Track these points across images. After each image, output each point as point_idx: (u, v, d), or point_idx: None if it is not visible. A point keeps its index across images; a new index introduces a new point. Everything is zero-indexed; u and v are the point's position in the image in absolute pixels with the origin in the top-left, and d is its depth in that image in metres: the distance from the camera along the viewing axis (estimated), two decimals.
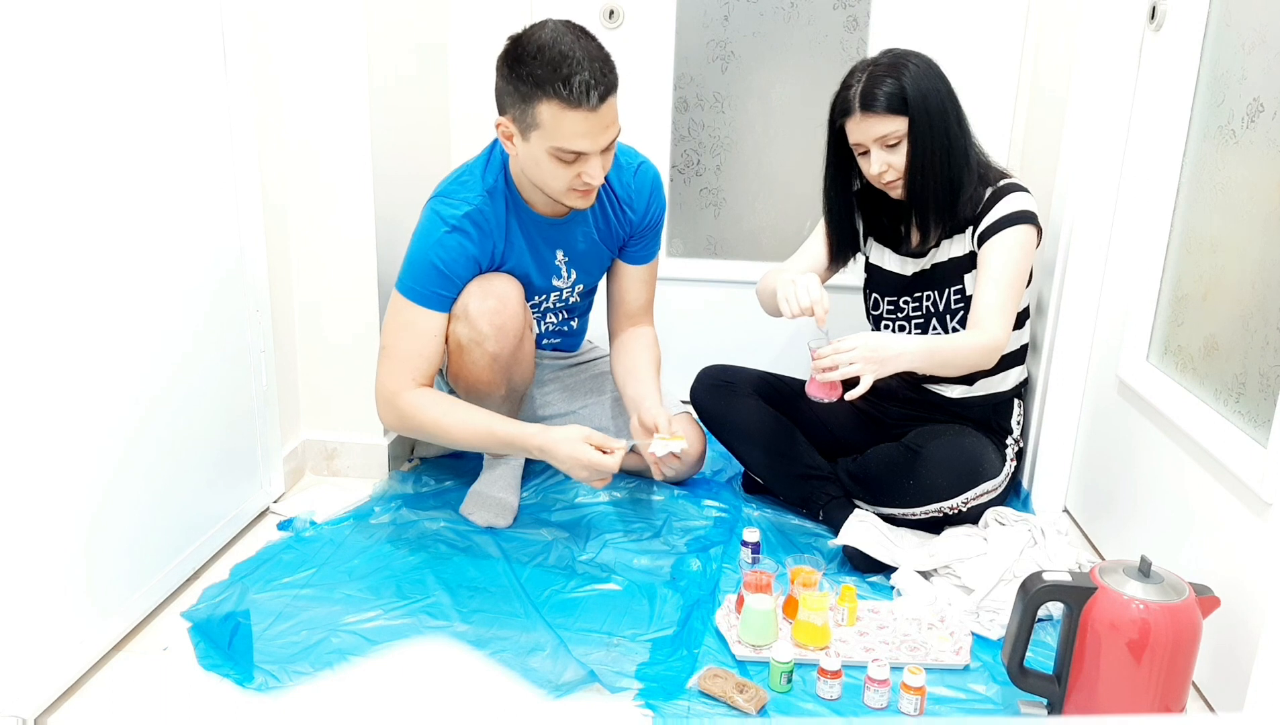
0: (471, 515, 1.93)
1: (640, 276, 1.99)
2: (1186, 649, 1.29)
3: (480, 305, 1.78)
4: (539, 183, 1.72)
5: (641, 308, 2.02)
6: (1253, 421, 1.43)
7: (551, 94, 1.57)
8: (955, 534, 1.79)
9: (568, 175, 1.66)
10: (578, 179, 1.66)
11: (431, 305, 1.78)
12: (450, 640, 1.55)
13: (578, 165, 1.65)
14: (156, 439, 1.58)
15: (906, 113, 1.76)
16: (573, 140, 1.61)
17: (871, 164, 1.80)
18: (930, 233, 1.85)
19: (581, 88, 1.56)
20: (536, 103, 1.59)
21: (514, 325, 1.81)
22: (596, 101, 1.58)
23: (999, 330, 1.76)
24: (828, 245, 2.00)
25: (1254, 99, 1.48)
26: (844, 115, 1.81)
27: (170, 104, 1.58)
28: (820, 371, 1.68)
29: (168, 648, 1.54)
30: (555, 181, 1.68)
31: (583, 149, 1.62)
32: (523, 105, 1.61)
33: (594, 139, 1.62)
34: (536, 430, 1.72)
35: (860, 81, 1.78)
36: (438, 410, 1.77)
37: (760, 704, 1.42)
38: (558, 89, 1.57)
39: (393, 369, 1.78)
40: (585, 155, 1.64)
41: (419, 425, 1.79)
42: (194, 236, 1.66)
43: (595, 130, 1.61)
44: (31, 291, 1.30)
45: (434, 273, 1.76)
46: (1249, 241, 1.48)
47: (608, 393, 2.11)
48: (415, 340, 1.78)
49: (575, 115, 1.58)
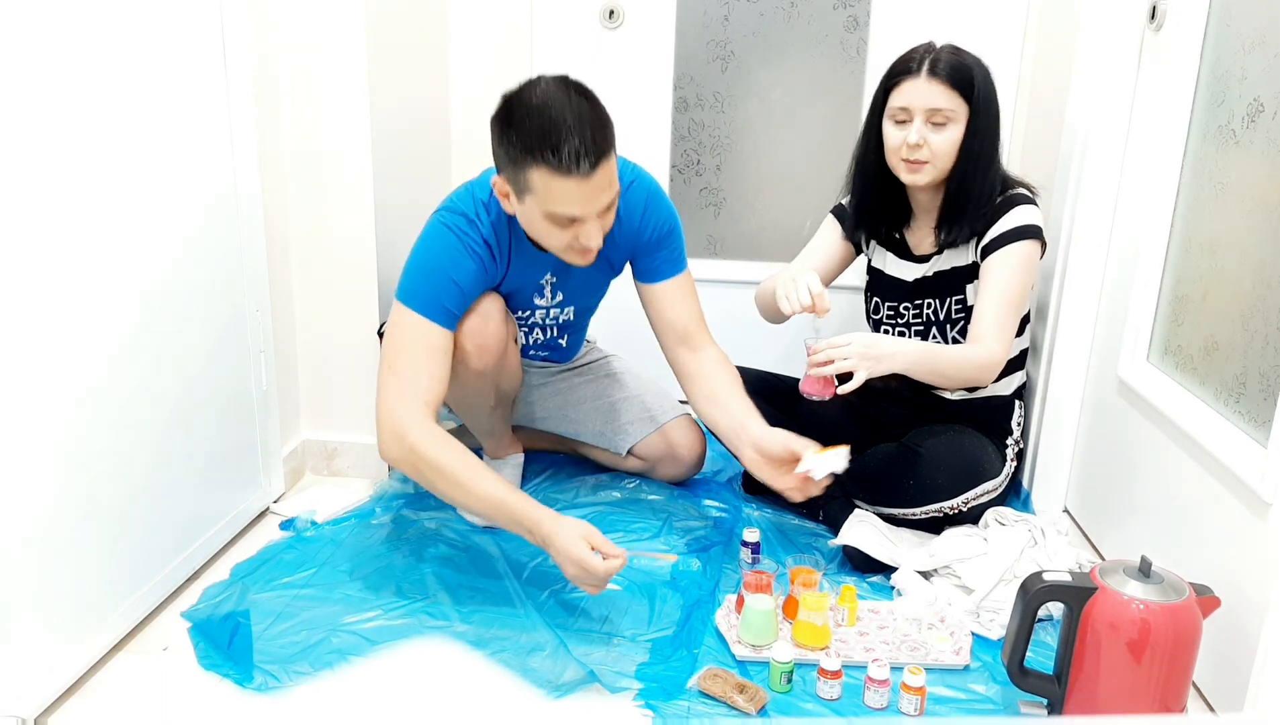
0: (470, 516, 1.93)
1: (673, 294, 1.85)
2: (1187, 649, 1.29)
3: (467, 322, 1.73)
4: (537, 240, 1.67)
5: (691, 327, 1.84)
6: (1253, 421, 1.43)
7: (541, 161, 1.50)
8: (955, 534, 1.79)
9: (565, 237, 1.60)
10: (575, 240, 1.60)
11: (443, 321, 1.68)
12: (450, 640, 1.55)
13: (574, 227, 1.58)
14: (156, 439, 1.58)
15: (969, 99, 1.75)
16: (566, 206, 1.55)
17: (910, 133, 1.77)
18: (952, 232, 1.83)
19: (572, 156, 1.49)
20: (527, 168, 1.53)
21: (495, 343, 1.77)
22: (588, 169, 1.51)
23: (998, 347, 1.76)
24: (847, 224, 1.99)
25: (1254, 99, 1.48)
26: (904, 74, 1.78)
27: (170, 104, 1.58)
28: (815, 366, 1.68)
29: (168, 648, 1.54)
30: (553, 241, 1.62)
31: (576, 214, 1.56)
32: (514, 169, 1.56)
33: (587, 204, 1.55)
34: (545, 516, 1.56)
35: (930, 52, 1.77)
36: (448, 457, 1.59)
37: (760, 704, 1.42)
38: (547, 156, 1.50)
39: (401, 390, 1.62)
40: (581, 220, 1.58)
41: (424, 465, 1.60)
42: (194, 237, 1.66)
43: (589, 196, 1.54)
44: (33, 289, 1.30)
45: (451, 288, 1.68)
46: (1249, 241, 1.48)
47: (604, 398, 2.10)
48: (426, 357, 1.66)
49: (567, 182, 1.52)
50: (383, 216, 2.03)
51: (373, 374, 2.07)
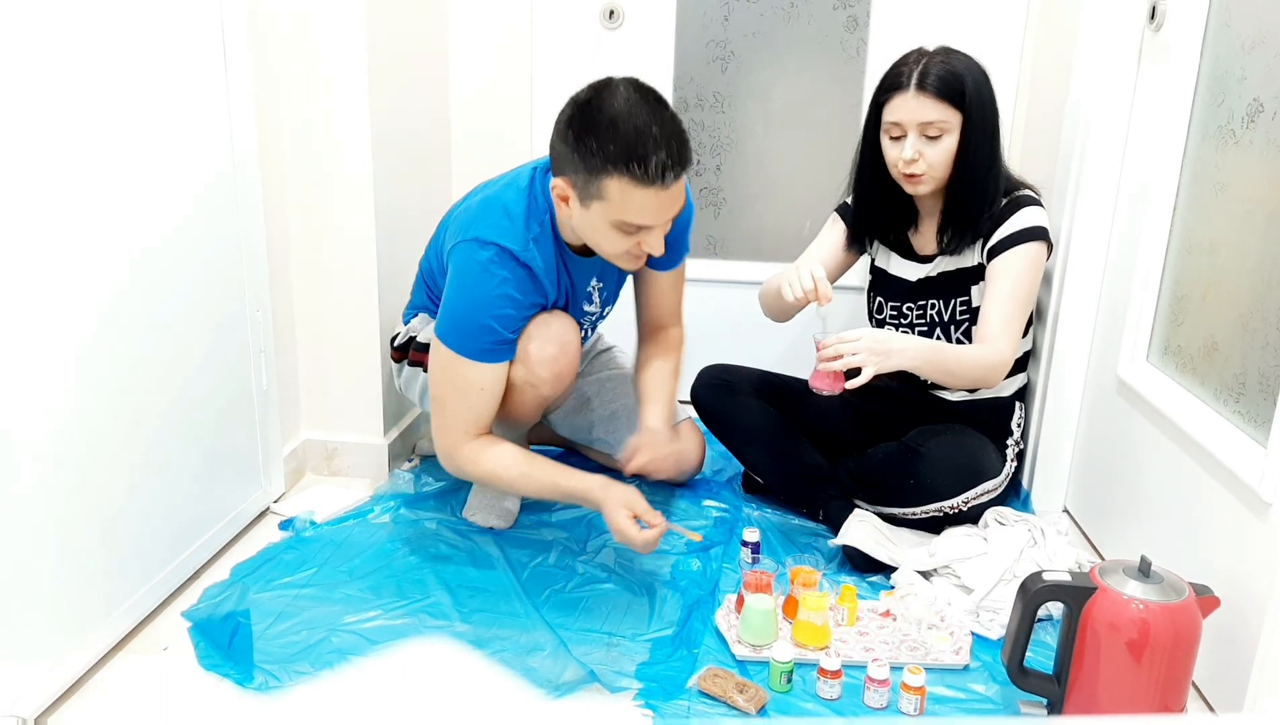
0: (474, 516, 1.93)
1: (669, 282, 1.92)
2: (1186, 649, 1.29)
3: (540, 351, 1.71)
4: (593, 245, 1.66)
5: (671, 314, 1.96)
6: (1252, 421, 1.43)
7: (625, 172, 1.49)
8: (955, 534, 1.79)
9: (626, 243, 1.59)
10: (636, 246, 1.60)
11: (488, 359, 1.68)
12: (450, 640, 1.55)
13: (639, 235, 1.58)
14: (157, 438, 1.58)
15: (961, 108, 1.74)
16: (640, 216, 1.54)
17: (905, 149, 1.76)
18: (954, 237, 1.83)
19: (658, 169, 1.48)
20: (605, 177, 1.51)
21: (569, 373, 1.78)
22: (672, 181, 1.51)
23: (1006, 347, 1.75)
24: (848, 230, 1.99)
25: (1254, 99, 1.48)
26: (893, 90, 1.76)
27: (169, 103, 1.57)
28: (824, 361, 1.68)
29: (168, 647, 1.54)
30: (611, 247, 1.61)
31: (648, 223, 1.56)
32: (588, 176, 1.53)
33: (660, 215, 1.56)
34: (594, 485, 1.66)
35: (919, 63, 1.75)
36: (498, 463, 1.71)
37: (760, 704, 1.42)
38: (633, 168, 1.48)
39: (449, 426, 1.72)
40: (649, 228, 1.57)
41: (478, 476, 1.75)
42: (195, 237, 1.66)
43: (664, 206, 1.54)
44: (33, 292, 1.30)
45: (491, 331, 1.67)
46: (1249, 241, 1.48)
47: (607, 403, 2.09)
48: (474, 398, 1.70)
49: (647, 193, 1.51)
50: (384, 216, 2.03)
51: (373, 374, 2.09)
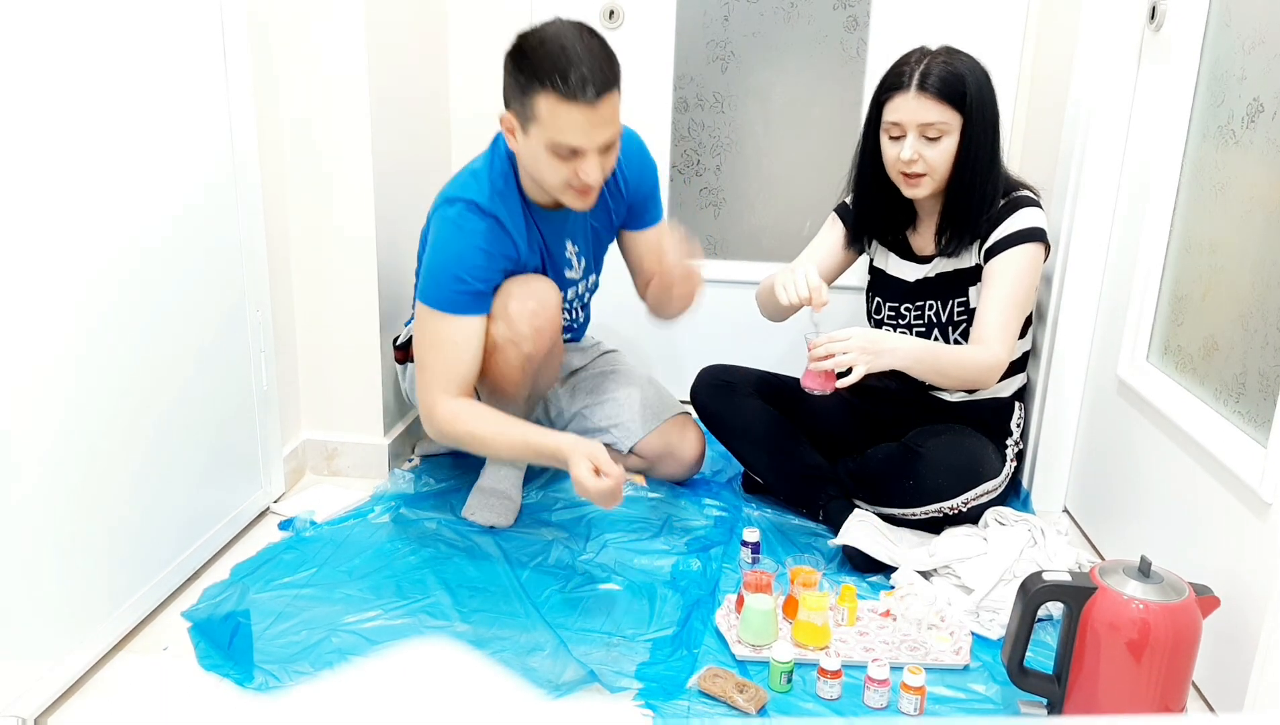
0: (474, 515, 1.93)
1: (654, 239, 1.96)
2: (1186, 649, 1.29)
3: (520, 306, 1.76)
4: (538, 178, 1.71)
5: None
6: (1252, 421, 1.43)
7: (549, 86, 1.57)
8: (955, 534, 1.79)
9: (565, 172, 1.65)
10: (575, 176, 1.65)
11: (464, 311, 1.74)
12: (450, 640, 1.55)
13: (575, 162, 1.63)
14: (156, 438, 1.58)
15: (962, 109, 1.73)
16: (568, 135, 1.60)
17: (904, 149, 1.75)
18: (952, 238, 1.83)
19: (578, 81, 1.56)
20: (535, 95, 1.59)
21: (551, 328, 1.81)
22: (593, 96, 1.57)
23: (1001, 349, 1.75)
24: (846, 230, 1.98)
25: (1254, 99, 1.48)
26: (894, 90, 1.76)
27: (169, 103, 1.57)
28: (815, 360, 1.68)
29: (168, 647, 1.54)
30: (552, 178, 1.67)
31: (578, 144, 1.61)
32: (523, 98, 1.62)
33: (589, 135, 1.61)
34: (562, 442, 1.66)
35: (920, 63, 1.74)
36: (472, 422, 1.74)
37: (760, 704, 1.42)
38: (555, 81, 1.56)
39: (428, 384, 1.75)
40: (582, 153, 1.62)
41: (455, 436, 1.76)
42: (194, 237, 1.66)
43: (591, 126, 1.60)
44: (33, 292, 1.30)
45: (462, 280, 1.72)
46: (1249, 241, 1.48)
47: (607, 397, 2.10)
48: (449, 352, 1.74)
49: (571, 109, 1.58)
50: (384, 216, 2.03)
51: (373, 374, 2.09)
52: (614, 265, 2.08)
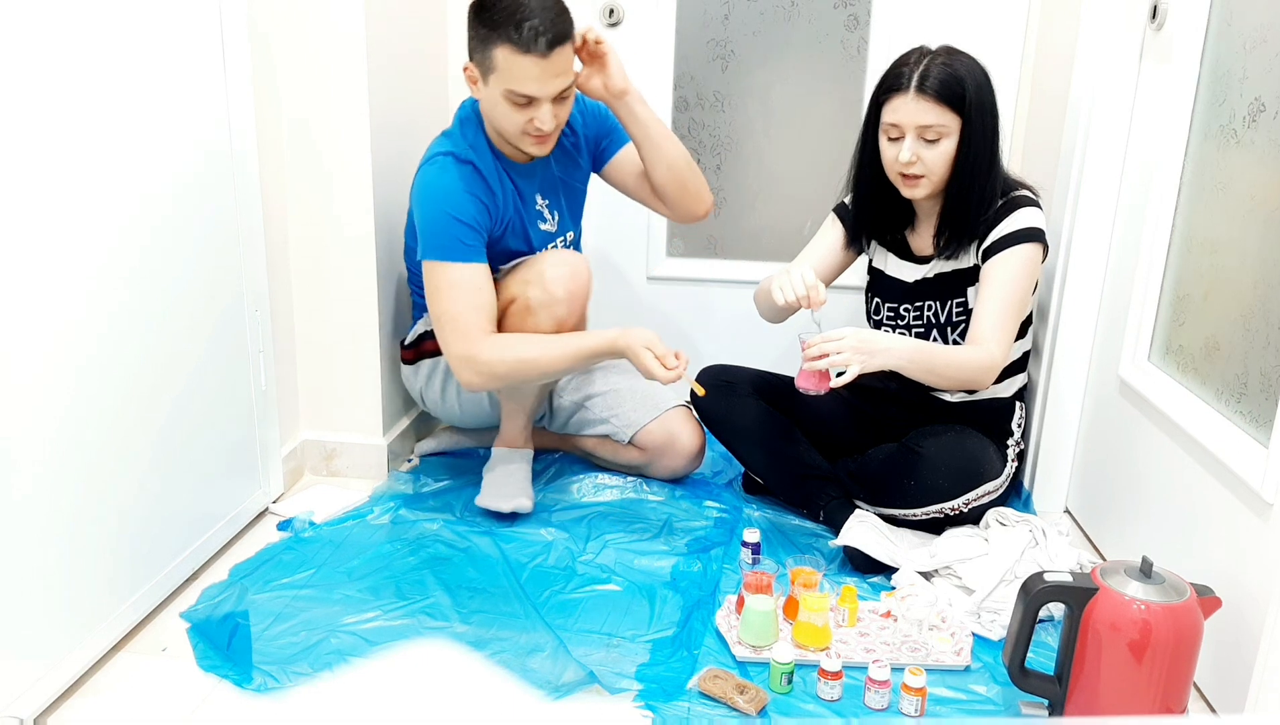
0: (491, 503, 1.93)
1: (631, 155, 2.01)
2: (1188, 650, 1.29)
3: (555, 271, 1.84)
4: (498, 126, 1.81)
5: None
6: (1254, 421, 1.43)
7: (504, 38, 1.68)
8: (956, 534, 1.79)
9: (521, 119, 1.75)
10: (530, 124, 1.75)
11: (465, 257, 1.80)
12: (450, 641, 1.55)
13: (530, 110, 1.74)
14: (155, 439, 1.58)
15: (961, 112, 1.72)
16: (523, 84, 1.70)
17: (902, 151, 1.74)
18: (950, 240, 1.82)
19: (530, 33, 1.66)
20: (493, 46, 1.70)
21: (583, 293, 1.89)
22: (545, 48, 1.67)
23: (997, 350, 1.74)
24: (845, 230, 1.98)
25: (1255, 99, 1.48)
26: (893, 91, 1.74)
27: (168, 102, 1.57)
28: (809, 360, 1.68)
29: (167, 648, 1.54)
30: (510, 125, 1.77)
31: (532, 93, 1.71)
32: (483, 49, 1.72)
33: (543, 84, 1.71)
34: (616, 335, 1.77)
35: (919, 63, 1.73)
36: (519, 348, 1.81)
37: (760, 705, 1.42)
38: (509, 33, 1.67)
39: (457, 332, 1.79)
40: (537, 101, 1.72)
41: (506, 367, 1.80)
42: (193, 237, 1.66)
43: (544, 75, 1.70)
44: (32, 293, 1.30)
45: (456, 223, 1.79)
46: (1250, 241, 1.48)
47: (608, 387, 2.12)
48: (465, 295, 1.80)
49: (526, 60, 1.68)
50: (383, 214, 2.03)
51: (373, 374, 2.09)
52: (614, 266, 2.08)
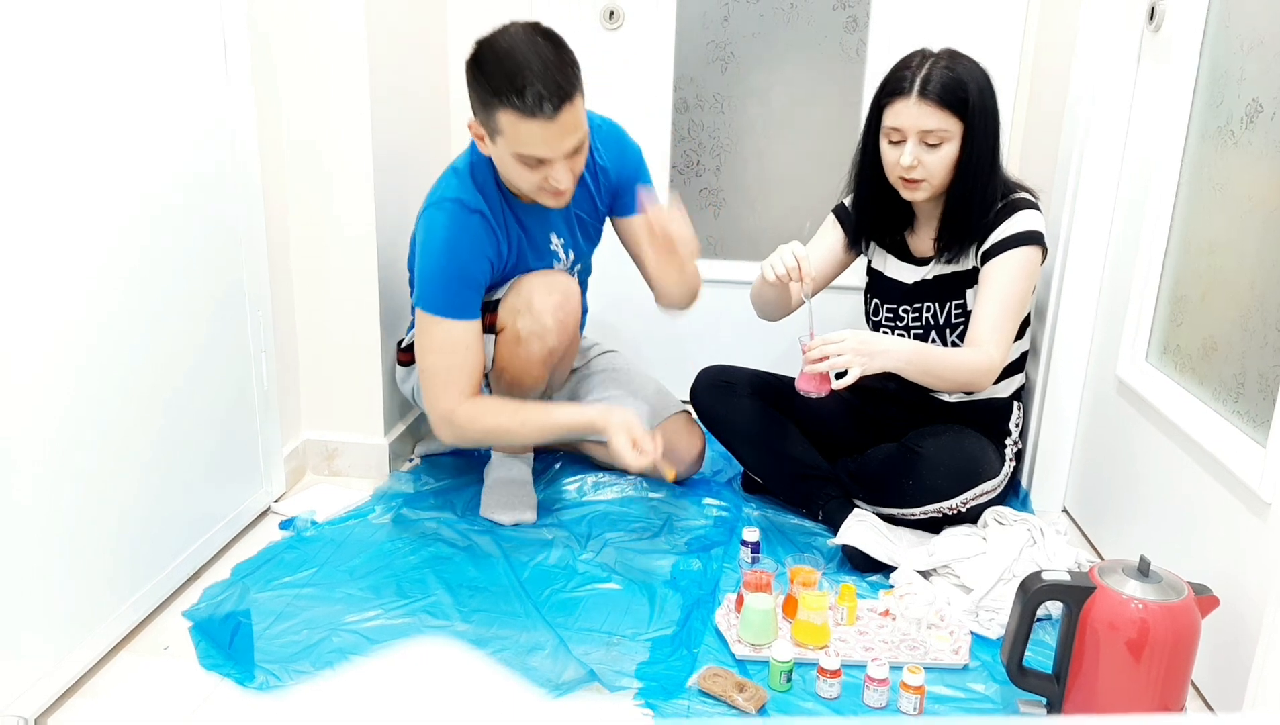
0: (495, 515, 1.93)
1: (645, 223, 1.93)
2: (1185, 649, 1.30)
3: (545, 299, 1.79)
4: (512, 184, 1.75)
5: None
6: (1252, 421, 1.43)
7: (507, 104, 1.58)
8: (954, 533, 1.79)
9: (535, 178, 1.67)
10: (546, 181, 1.67)
11: (460, 315, 1.75)
12: (450, 640, 1.55)
13: (544, 169, 1.65)
14: (157, 438, 1.59)
15: (963, 116, 1.72)
16: (532, 148, 1.62)
17: (904, 155, 1.74)
18: (950, 243, 1.82)
19: (535, 99, 1.56)
20: (496, 111, 1.61)
21: (573, 321, 1.85)
22: (551, 111, 1.57)
23: (996, 352, 1.75)
24: (845, 231, 1.98)
25: (1253, 99, 1.48)
26: (895, 95, 1.74)
27: (169, 103, 1.58)
28: (809, 362, 1.68)
29: (168, 647, 1.54)
30: (524, 184, 1.70)
31: (543, 155, 1.63)
32: (485, 112, 1.64)
33: (553, 146, 1.62)
34: (595, 414, 1.74)
35: (921, 67, 1.72)
36: (496, 416, 1.78)
37: (760, 703, 1.43)
38: (512, 100, 1.57)
39: (438, 392, 1.76)
40: (549, 161, 1.64)
41: (479, 434, 1.79)
42: (194, 238, 1.66)
43: (553, 138, 1.61)
44: (33, 293, 1.30)
45: (456, 281, 1.74)
46: (1248, 241, 1.49)
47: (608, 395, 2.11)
48: (452, 356, 1.75)
49: (532, 125, 1.59)
50: (384, 215, 2.03)
51: (373, 374, 2.09)
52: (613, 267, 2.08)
